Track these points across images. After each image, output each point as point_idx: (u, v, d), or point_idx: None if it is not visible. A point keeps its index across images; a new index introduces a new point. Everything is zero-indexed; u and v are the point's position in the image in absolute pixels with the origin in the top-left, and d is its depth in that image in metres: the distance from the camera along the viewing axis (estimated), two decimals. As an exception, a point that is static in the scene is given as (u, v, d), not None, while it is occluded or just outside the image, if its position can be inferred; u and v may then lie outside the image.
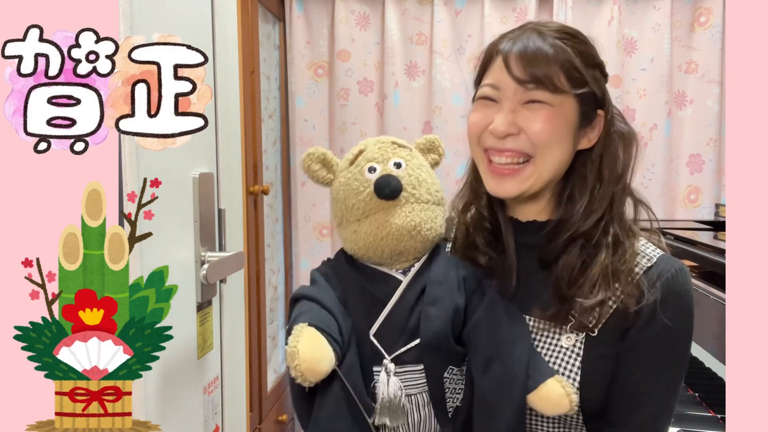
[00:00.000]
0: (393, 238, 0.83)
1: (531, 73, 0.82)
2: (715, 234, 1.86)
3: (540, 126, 0.82)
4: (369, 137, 0.95)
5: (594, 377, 0.84)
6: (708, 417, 1.37)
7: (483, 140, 0.87)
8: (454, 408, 0.83)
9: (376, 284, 0.85)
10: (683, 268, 0.88)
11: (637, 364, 0.85)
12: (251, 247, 1.99)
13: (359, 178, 0.85)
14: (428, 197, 0.86)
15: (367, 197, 0.83)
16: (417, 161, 0.88)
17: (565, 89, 0.83)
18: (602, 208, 0.87)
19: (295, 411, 0.87)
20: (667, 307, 0.84)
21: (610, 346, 0.85)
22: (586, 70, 0.85)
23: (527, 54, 0.82)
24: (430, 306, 0.82)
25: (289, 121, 2.61)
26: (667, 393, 0.86)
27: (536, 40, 0.83)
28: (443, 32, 2.54)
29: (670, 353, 0.86)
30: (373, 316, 0.83)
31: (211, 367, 1.23)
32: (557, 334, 0.86)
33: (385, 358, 0.81)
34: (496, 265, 0.91)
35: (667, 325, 0.83)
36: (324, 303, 0.81)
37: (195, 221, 1.14)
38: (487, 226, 0.93)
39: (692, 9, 2.56)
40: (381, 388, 0.80)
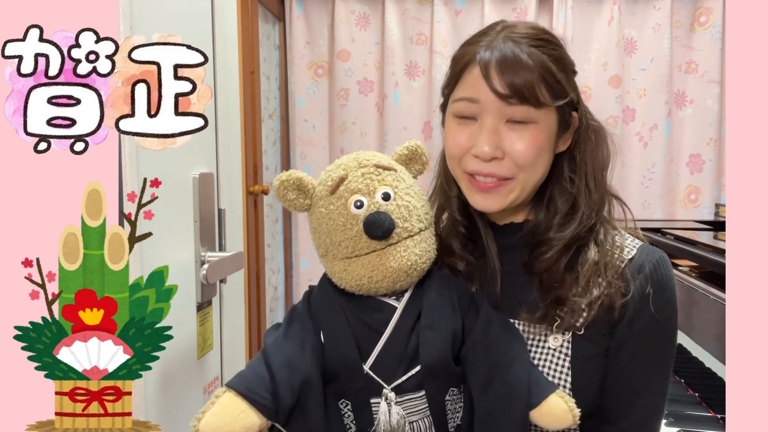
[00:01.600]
0: (389, 280, 0.80)
1: (513, 87, 0.78)
2: (715, 234, 1.86)
3: (525, 149, 0.80)
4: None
5: (584, 376, 0.84)
6: (708, 417, 1.37)
7: (464, 163, 0.84)
8: (455, 427, 0.82)
9: (369, 313, 0.82)
10: (664, 256, 0.87)
11: (629, 360, 0.85)
12: (251, 247, 1.99)
13: (344, 213, 0.80)
14: (419, 225, 0.82)
15: (357, 236, 0.79)
16: (404, 184, 0.83)
17: (547, 102, 0.79)
18: (584, 206, 0.85)
19: None
20: (653, 299, 0.83)
21: (598, 344, 0.84)
22: (566, 78, 0.82)
23: (507, 64, 0.78)
24: (428, 330, 0.79)
25: (289, 121, 2.61)
26: (660, 384, 0.87)
27: (513, 48, 0.78)
28: (443, 32, 2.54)
29: (660, 345, 0.86)
30: (368, 346, 0.80)
31: (211, 367, 1.23)
32: (544, 336, 0.85)
33: (384, 388, 0.79)
34: (475, 270, 0.89)
35: (654, 317, 0.83)
36: (269, 360, 0.78)
37: (195, 221, 1.14)
38: (461, 231, 0.91)
39: (692, 9, 2.56)
40: (382, 418, 0.78)
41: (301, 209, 0.85)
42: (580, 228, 0.85)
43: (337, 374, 0.79)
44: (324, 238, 0.82)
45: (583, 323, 0.83)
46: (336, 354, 0.79)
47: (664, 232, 1.93)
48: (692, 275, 1.59)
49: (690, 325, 1.57)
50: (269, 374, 0.77)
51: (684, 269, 1.66)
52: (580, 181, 0.86)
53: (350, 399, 0.79)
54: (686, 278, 1.57)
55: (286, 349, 0.79)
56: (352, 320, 0.81)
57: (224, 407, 0.74)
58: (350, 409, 0.79)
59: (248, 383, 0.76)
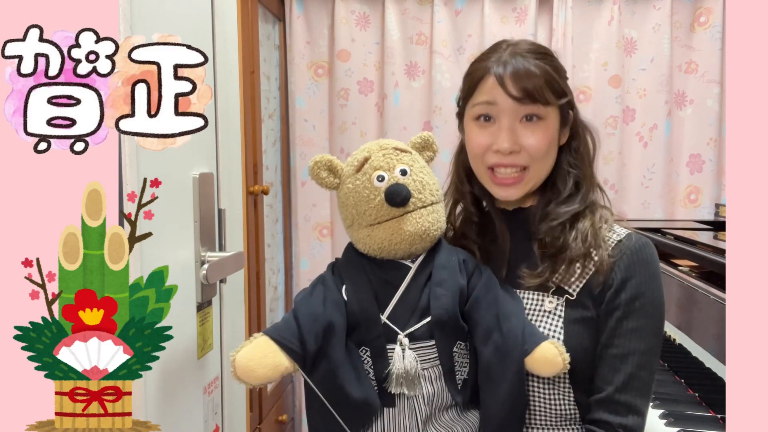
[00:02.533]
0: (406, 242, 0.93)
1: (526, 91, 0.95)
2: (715, 234, 1.86)
3: (537, 142, 0.97)
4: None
5: (574, 337, 0.96)
6: (708, 417, 1.37)
7: (487, 159, 0.99)
8: (462, 380, 0.93)
9: (388, 270, 0.95)
10: (648, 242, 1.01)
11: (615, 327, 0.95)
12: (251, 247, 1.99)
13: (369, 187, 0.93)
14: (432, 198, 0.96)
15: (379, 204, 0.92)
16: (418, 164, 0.97)
17: (552, 102, 0.97)
18: (585, 186, 1.02)
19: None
20: (637, 272, 0.96)
21: (588, 309, 0.97)
22: (563, 82, 0.99)
23: (519, 74, 0.95)
24: (437, 287, 0.93)
25: (289, 121, 2.61)
26: (646, 353, 0.95)
27: (522, 62, 0.96)
28: (443, 32, 2.54)
29: (645, 316, 0.96)
30: (385, 299, 0.93)
31: (211, 367, 1.23)
32: (541, 300, 0.99)
33: (399, 334, 0.91)
34: (488, 252, 1.04)
35: (640, 289, 0.96)
36: (297, 313, 0.91)
37: (195, 221, 1.14)
38: (475, 220, 1.08)
39: (692, 9, 2.56)
40: (397, 360, 0.89)
41: (331, 187, 0.98)
42: (582, 205, 1.00)
43: (357, 324, 0.91)
44: (351, 209, 0.96)
45: (575, 289, 0.97)
46: (357, 305, 0.92)
47: (664, 232, 1.93)
48: (692, 275, 1.59)
49: (690, 325, 1.57)
50: (296, 324, 0.89)
51: (684, 269, 1.66)
52: (582, 166, 1.03)
53: (369, 346, 0.91)
54: (686, 278, 1.57)
55: (311, 304, 0.92)
56: (372, 278, 0.94)
57: (258, 346, 0.88)
58: (369, 356, 0.91)
59: (279, 330, 0.89)
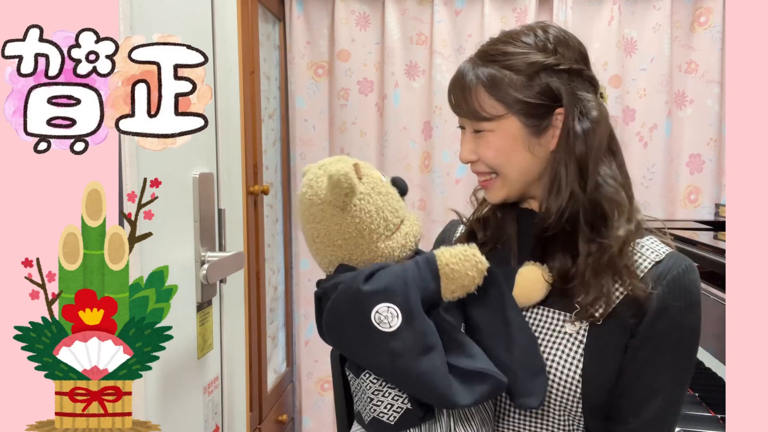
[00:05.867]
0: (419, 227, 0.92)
1: (458, 105, 0.92)
2: (715, 234, 1.86)
3: (487, 152, 0.91)
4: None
5: (597, 366, 0.86)
6: (708, 417, 1.37)
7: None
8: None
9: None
10: (692, 265, 0.90)
11: (646, 359, 0.87)
12: (251, 247, 1.99)
13: (382, 184, 0.87)
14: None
15: (397, 198, 0.89)
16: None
17: (498, 113, 0.88)
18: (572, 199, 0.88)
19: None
20: (676, 302, 0.86)
21: (616, 337, 0.87)
22: (524, 83, 0.87)
23: (454, 87, 0.93)
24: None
25: (289, 121, 2.61)
26: (677, 388, 0.88)
27: (465, 70, 0.92)
28: (443, 32, 2.54)
29: (681, 349, 0.88)
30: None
31: (211, 367, 1.23)
32: (562, 321, 0.89)
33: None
34: (499, 254, 0.95)
35: (677, 321, 0.86)
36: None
37: (195, 221, 1.14)
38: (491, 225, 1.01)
39: (692, 9, 2.56)
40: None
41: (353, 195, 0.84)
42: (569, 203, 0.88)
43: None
44: (380, 215, 0.85)
45: (602, 314, 0.86)
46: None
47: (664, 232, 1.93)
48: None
49: (690, 325, 1.57)
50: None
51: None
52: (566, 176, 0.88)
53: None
54: (686, 278, 1.57)
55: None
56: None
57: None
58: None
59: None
